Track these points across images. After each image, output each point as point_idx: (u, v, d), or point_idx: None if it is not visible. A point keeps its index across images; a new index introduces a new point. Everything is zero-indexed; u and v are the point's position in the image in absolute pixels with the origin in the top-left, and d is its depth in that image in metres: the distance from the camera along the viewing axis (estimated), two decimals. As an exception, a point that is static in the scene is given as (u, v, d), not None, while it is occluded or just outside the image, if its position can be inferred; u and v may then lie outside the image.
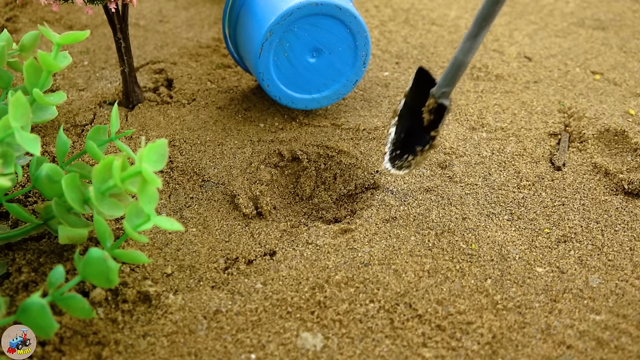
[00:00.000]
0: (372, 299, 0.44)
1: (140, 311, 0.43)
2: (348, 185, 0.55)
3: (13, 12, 0.79)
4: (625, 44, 0.77)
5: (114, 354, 0.40)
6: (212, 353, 0.40)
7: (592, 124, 0.62)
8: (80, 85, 0.67)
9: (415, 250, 0.48)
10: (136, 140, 0.59)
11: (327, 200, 0.55)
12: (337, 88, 0.60)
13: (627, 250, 0.48)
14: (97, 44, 0.75)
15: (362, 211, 0.52)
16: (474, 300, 0.44)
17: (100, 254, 0.37)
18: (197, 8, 0.84)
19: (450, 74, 0.47)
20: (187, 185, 0.55)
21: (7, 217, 0.49)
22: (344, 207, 0.54)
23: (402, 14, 0.83)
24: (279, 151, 0.58)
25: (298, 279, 0.45)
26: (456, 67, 0.46)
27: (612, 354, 0.41)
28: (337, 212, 0.54)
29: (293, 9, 0.54)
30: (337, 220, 0.53)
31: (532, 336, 0.42)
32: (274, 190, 0.56)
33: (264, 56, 0.56)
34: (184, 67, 0.70)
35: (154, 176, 0.36)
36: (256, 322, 0.42)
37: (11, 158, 0.39)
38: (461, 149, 0.58)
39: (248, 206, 0.52)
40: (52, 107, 0.48)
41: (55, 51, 0.46)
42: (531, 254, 0.48)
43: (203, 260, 0.47)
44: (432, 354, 0.40)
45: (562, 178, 0.56)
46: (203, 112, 0.63)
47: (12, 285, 0.43)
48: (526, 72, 0.71)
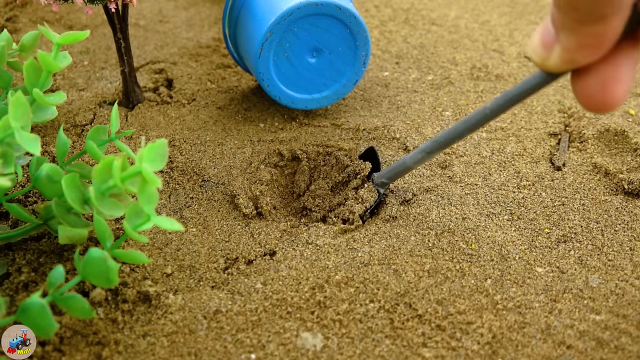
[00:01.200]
0: (372, 299, 0.44)
1: (140, 311, 0.43)
2: (342, 172, 0.56)
3: (13, 12, 0.79)
4: (625, 44, 0.77)
5: (114, 354, 0.40)
6: (212, 353, 0.40)
7: (592, 124, 0.62)
8: (80, 85, 0.67)
9: (415, 250, 0.48)
10: (136, 140, 0.59)
11: (323, 187, 0.55)
12: (337, 88, 0.61)
13: (627, 250, 0.48)
14: (97, 44, 0.75)
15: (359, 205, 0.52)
16: (474, 300, 0.44)
17: (100, 254, 0.37)
18: (197, 8, 0.84)
19: (394, 172, 0.51)
20: (187, 185, 0.55)
21: (7, 217, 0.49)
22: (339, 194, 0.55)
23: (402, 14, 0.83)
24: (278, 151, 0.58)
25: (298, 279, 0.45)
26: (402, 170, 0.50)
27: (612, 354, 0.41)
28: (332, 200, 0.54)
29: (293, 9, 0.54)
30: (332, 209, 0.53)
31: (532, 336, 0.42)
32: (274, 190, 0.56)
33: (264, 56, 0.56)
34: (184, 67, 0.70)
35: (154, 176, 0.36)
36: (256, 322, 0.42)
37: (11, 158, 0.39)
38: (461, 149, 0.58)
39: (248, 206, 0.52)
40: (52, 107, 0.48)
41: (55, 51, 0.46)
42: (531, 254, 0.48)
43: (203, 260, 0.47)
44: (432, 354, 0.40)
45: (562, 178, 0.56)
46: (203, 112, 0.63)
47: (12, 285, 0.43)
48: (526, 72, 0.71)
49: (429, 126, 0.61)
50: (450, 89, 0.68)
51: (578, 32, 0.29)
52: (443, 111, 0.64)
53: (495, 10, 0.85)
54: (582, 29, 0.29)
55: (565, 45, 0.30)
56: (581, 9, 0.28)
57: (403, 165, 0.49)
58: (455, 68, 0.71)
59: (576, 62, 0.31)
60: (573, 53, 0.30)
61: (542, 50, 0.32)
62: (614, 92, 0.31)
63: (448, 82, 0.69)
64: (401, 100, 0.65)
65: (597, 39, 0.29)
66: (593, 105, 0.31)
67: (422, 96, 0.66)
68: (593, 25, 0.28)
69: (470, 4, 0.86)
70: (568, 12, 0.28)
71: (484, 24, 0.81)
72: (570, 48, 0.30)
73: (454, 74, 0.70)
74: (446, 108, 0.64)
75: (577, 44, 0.30)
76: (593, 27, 0.28)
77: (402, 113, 0.63)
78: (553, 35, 0.31)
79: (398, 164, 0.50)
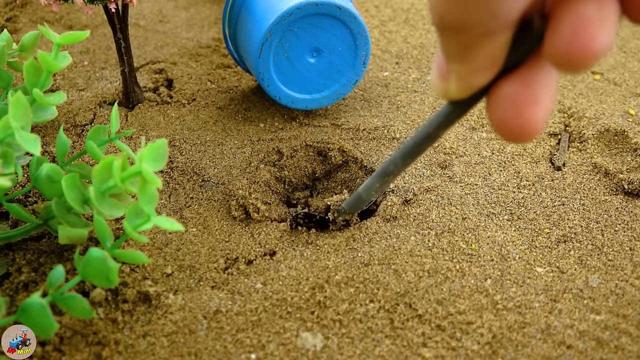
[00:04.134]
0: (372, 299, 0.44)
1: (140, 311, 0.43)
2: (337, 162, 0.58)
3: (13, 12, 0.79)
4: (625, 44, 0.77)
5: (114, 354, 0.40)
6: (212, 353, 0.40)
7: (592, 124, 0.62)
8: (80, 85, 0.67)
9: (415, 250, 0.48)
10: (136, 140, 0.59)
11: (320, 171, 0.57)
12: (337, 88, 0.60)
13: (627, 250, 0.48)
14: (97, 44, 0.75)
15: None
16: (474, 300, 0.44)
17: (100, 254, 0.37)
18: (197, 8, 0.84)
19: (351, 203, 0.48)
20: (187, 185, 0.55)
21: (7, 217, 0.49)
22: (333, 178, 0.56)
23: (402, 14, 0.83)
24: (278, 149, 0.58)
25: (298, 279, 0.45)
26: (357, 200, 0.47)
27: (612, 354, 0.41)
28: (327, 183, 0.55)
29: (293, 9, 0.54)
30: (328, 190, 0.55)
31: (532, 336, 0.41)
32: (274, 190, 0.56)
33: (264, 56, 0.56)
34: (184, 67, 0.70)
35: (154, 176, 0.36)
36: (256, 322, 0.42)
37: (11, 158, 0.39)
38: (461, 149, 0.58)
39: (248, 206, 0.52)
40: (52, 107, 0.48)
41: (55, 51, 0.46)
42: (531, 254, 0.48)
43: (203, 260, 0.47)
44: (432, 354, 0.40)
45: (562, 178, 0.56)
46: (203, 112, 0.63)
47: (12, 285, 0.43)
48: (526, 72, 0.71)
49: (429, 126, 0.61)
50: (450, 89, 0.68)
51: (465, 56, 0.27)
52: (443, 111, 0.64)
53: (495, 10, 0.85)
54: (468, 52, 0.26)
55: (458, 73, 0.28)
56: (462, 29, 0.25)
57: (356, 196, 0.47)
58: (455, 68, 0.71)
59: (474, 86, 0.28)
60: (468, 78, 0.28)
61: (440, 82, 0.30)
62: (531, 114, 0.27)
63: (448, 82, 0.69)
64: (401, 100, 0.65)
65: (486, 59, 0.27)
66: (509, 132, 0.28)
67: (422, 96, 0.66)
68: (477, 46, 0.26)
69: (470, 4, 0.86)
70: (450, 37, 0.26)
71: (484, 24, 0.81)
72: (463, 74, 0.28)
73: (454, 74, 0.70)
74: (446, 108, 0.64)
75: (469, 69, 0.27)
76: (479, 49, 0.26)
77: (402, 113, 0.63)
78: (445, 65, 0.29)
79: (353, 195, 0.48)
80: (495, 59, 0.27)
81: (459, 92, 0.29)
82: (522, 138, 0.28)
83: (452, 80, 0.29)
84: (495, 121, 0.28)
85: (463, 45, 0.26)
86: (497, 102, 0.28)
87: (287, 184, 0.57)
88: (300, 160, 0.58)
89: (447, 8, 0.25)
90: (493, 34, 0.25)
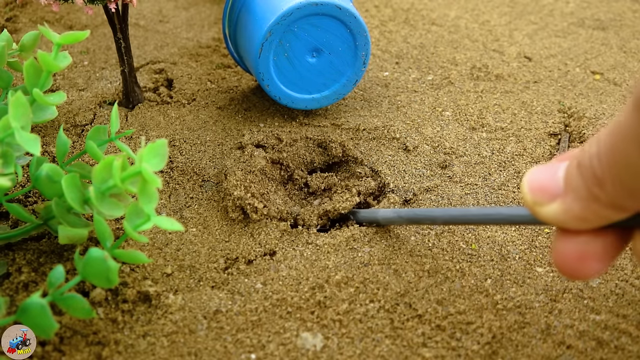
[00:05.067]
0: (372, 299, 0.44)
1: (140, 311, 0.43)
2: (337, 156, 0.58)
3: (13, 12, 0.79)
4: (625, 44, 0.77)
5: (114, 354, 0.40)
6: (212, 353, 0.40)
7: (592, 124, 0.62)
8: (80, 85, 0.67)
9: (415, 250, 0.48)
10: (136, 140, 0.59)
11: (318, 162, 0.57)
12: (337, 88, 0.61)
13: (627, 250, 0.48)
14: (97, 44, 0.75)
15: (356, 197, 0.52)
16: (474, 300, 0.44)
17: (100, 254, 0.37)
18: (197, 8, 0.84)
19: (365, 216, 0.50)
20: (187, 185, 0.55)
21: (7, 217, 0.49)
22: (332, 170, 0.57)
23: (402, 14, 0.83)
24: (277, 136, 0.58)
25: (298, 279, 0.45)
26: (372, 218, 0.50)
27: (612, 354, 0.41)
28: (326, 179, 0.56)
29: (293, 9, 0.54)
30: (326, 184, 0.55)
31: (532, 336, 0.42)
32: (273, 190, 0.55)
33: (264, 56, 0.56)
34: (184, 67, 0.70)
35: (154, 176, 0.36)
36: (256, 322, 0.42)
37: (11, 158, 0.39)
38: (461, 149, 0.58)
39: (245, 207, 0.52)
40: (52, 107, 0.48)
41: (55, 51, 0.46)
42: (531, 254, 0.48)
43: (203, 260, 0.47)
44: (432, 354, 0.40)
45: (562, 178, 0.56)
46: (203, 112, 0.63)
47: (12, 285, 0.43)
48: (526, 72, 0.71)
49: (429, 126, 0.61)
50: (450, 89, 0.68)
51: (589, 206, 0.28)
52: (443, 111, 0.64)
53: (495, 10, 0.85)
54: (593, 206, 0.28)
55: (568, 208, 0.29)
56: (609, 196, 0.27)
57: (373, 216, 0.49)
58: (455, 68, 0.71)
59: (566, 225, 0.30)
60: (571, 218, 0.29)
61: (540, 195, 0.30)
62: (588, 266, 0.30)
63: (448, 82, 0.69)
64: (401, 100, 0.65)
65: (600, 220, 0.28)
66: (564, 269, 0.31)
67: (422, 96, 0.66)
68: (605, 208, 0.28)
69: (470, 4, 0.86)
70: (592, 187, 0.27)
71: (484, 24, 0.81)
72: (571, 213, 0.29)
73: (454, 74, 0.70)
74: (446, 108, 0.64)
75: (580, 214, 0.29)
76: (604, 210, 0.28)
77: (402, 113, 0.63)
78: (559, 189, 0.30)
79: (370, 212, 0.50)
80: (606, 222, 0.29)
81: (551, 217, 0.30)
82: (571, 277, 0.31)
83: (555, 205, 0.30)
84: (557, 253, 0.31)
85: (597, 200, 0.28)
86: (568, 239, 0.30)
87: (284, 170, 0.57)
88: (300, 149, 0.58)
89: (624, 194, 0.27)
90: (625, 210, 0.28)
